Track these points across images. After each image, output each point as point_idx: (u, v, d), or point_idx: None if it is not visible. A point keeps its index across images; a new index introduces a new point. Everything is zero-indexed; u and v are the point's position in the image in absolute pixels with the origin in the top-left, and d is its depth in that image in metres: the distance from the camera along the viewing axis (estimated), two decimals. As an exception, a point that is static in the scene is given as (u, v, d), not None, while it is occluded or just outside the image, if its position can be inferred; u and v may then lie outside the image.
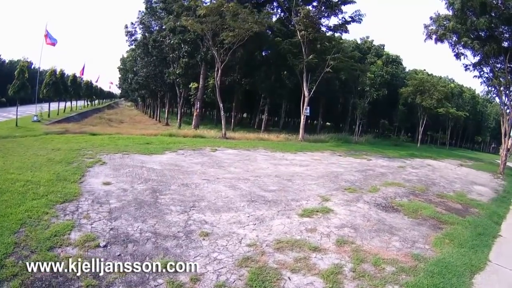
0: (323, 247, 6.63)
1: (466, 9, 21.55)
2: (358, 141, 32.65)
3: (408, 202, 10.87)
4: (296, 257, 6.03)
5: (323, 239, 7.07)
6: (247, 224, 7.40)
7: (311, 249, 6.47)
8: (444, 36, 23.76)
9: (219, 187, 10.26)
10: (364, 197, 10.81)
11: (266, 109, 38.53)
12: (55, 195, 7.68)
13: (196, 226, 6.91)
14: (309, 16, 27.98)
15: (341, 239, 7.10)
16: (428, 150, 35.78)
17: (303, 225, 7.72)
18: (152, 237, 6.14)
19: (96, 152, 13.91)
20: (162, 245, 5.88)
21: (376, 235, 7.58)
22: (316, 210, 8.82)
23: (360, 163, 18.46)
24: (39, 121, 27.08)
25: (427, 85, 40.99)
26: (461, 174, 19.66)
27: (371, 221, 8.51)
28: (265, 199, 9.41)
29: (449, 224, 9.02)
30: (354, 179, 13.71)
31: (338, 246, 6.75)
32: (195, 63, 31.27)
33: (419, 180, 15.29)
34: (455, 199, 12.26)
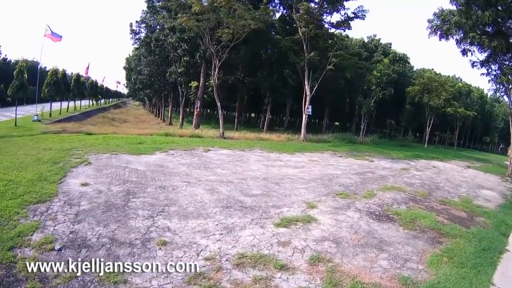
0: (292, 266, 5.60)
1: (471, 3, 20.35)
2: (363, 141, 31.29)
3: (406, 210, 9.58)
4: (257, 277, 5.20)
5: (295, 255, 6.01)
6: (213, 234, 6.63)
7: (278, 267, 5.51)
8: (449, 32, 22.45)
9: (198, 190, 9.49)
10: (356, 204, 9.57)
11: (269, 108, 37.40)
12: (30, 196, 7.58)
13: (157, 233, 6.41)
14: (309, 12, 26.73)
15: (317, 255, 6.00)
16: (435, 150, 34.03)
17: (276, 237, 6.68)
18: (108, 243, 5.84)
19: (85, 152, 13.72)
20: (114, 253, 5.56)
21: (361, 251, 6.42)
22: (297, 219, 7.72)
23: (360, 165, 17.16)
24: (39, 120, 26.84)
25: (435, 84, 39.52)
26: (468, 177, 18.19)
27: (359, 233, 7.34)
28: (243, 205, 8.46)
29: (450, 237, 7.77)
30: (350, 182, 12.44)
31: (311, 265, 5.68)
32: (196, 62, 30.39)
33: (422, 184, 13.91)
34: (459, 206, 10.89)
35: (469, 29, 21.27)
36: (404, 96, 42.71)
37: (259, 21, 24.25)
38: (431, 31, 23.63)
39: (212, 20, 23.69)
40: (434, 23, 23.44)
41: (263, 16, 24.82)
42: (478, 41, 21.30)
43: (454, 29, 22.23)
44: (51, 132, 19.81)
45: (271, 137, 26.51)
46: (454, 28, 22.16)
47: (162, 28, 32.19)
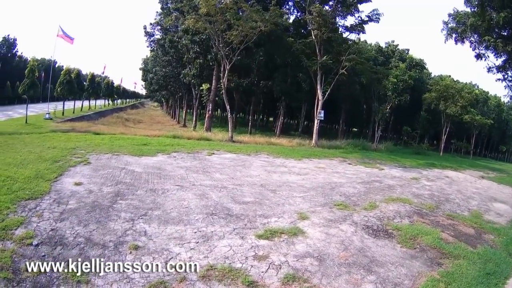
0: (262, 283, 5.08)
1: (485, 5, 19.40)
2: (377, 148, 30.16)
3: (408, 224, 8.74)
4: None
5: (270, 271, 5.44)
6: (188, 242, 6.33)
7: (246, 283, 5.02)
8: (464, 34, 21.49)
9: (187, 195, 9.11)
10: (354, 216, 8.80)
11: (282, 113, 36.79)
12: (24, 192, 7.71)
13: (132, 237, 6.30)
14: (322, 14, 25.92)
15: (293, 274, 5.40)
16: (450, 159, 32.55)
17: (254, 250, 6.14)
18: (83, 243, 5.85)
19: (87, 151, 13.74)
20: (86, 253, 5.56)
21: (346, 272, 5.73)
22: (283, 231, 7.10)
23: (368, 173, 16.25)
24: (51, 118, 27.12)
25: (451, 91, 38.21)
26: (481, 188, 16.88)
27: (349, 250, 6.62)
28: (229, 213, 7.95)
29: (452, 258, 6.93)
30: (353, 192, 11.63)
31: (284, 284, 5.12)
32: (209, 64, 30.03)
33: (430, 196, 12.87)
34: (468, 221, 9.89)
35: (484, 32, 20.28)
36: (420, 103, 41.51)
37: (269, 23, 23.69)
38: (447, 34, 22.74)
39: (220, 22, 23.21)
40: (449, 26, 22.53)
41: (273, 18, 24.24)
42: (493, 45, 20.28)
43: (469, 31, 21.27)
44: (60, 131, 19.94)
45: (282, 142, 25.87)
46: (469, 31, 21.19)
47: (176, 29, 32.06)
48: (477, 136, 47.90)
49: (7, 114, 30.21)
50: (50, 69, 36.99)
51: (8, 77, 47.49)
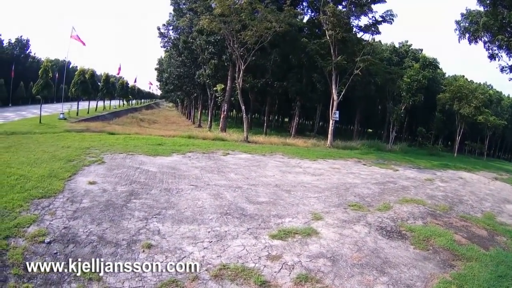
0: (274, 283, 5.11)
1: (497, 3, 19.18)
2: (392, 149, 29.81)
3: (422, 226, 8.69)
4: None
5: (282, 271, 5.47)
6: (202, 241, 6.33)
7: (258, 283, 5.04)
8: (477, 34, 21.15)
9: (202, 195, 9.16)
10: (368, 217, 8.80)
11: (297, 113, 36.64)
12: (37, 190, 7.72)
13: (146, 236, 6.29)
14: (336, 14, 25.81)
15: (306, 274, 5.42)
16: (464, 160, 32.05)
17: (267, 250, 6.17)
18: (95, 241, 5.85)
19: (102, 151, 13.79)
20: (99, 251, 5.55)
21: (359, 273, 5.73)
22: (296, 231, 7.14)
23: (383, 174, 16.15)
24: (65, 119, 27.30)
25: (465, 92, 37.64)
26: (494, 190, 16.66)
27: (362, 251, 6.63)
28: (243, 213, 8.01)
29: (465, 260, 6.89)
30: (367, 193, 11.61)
31: (296, 284, 5.14)
32: (224, 65, 30.11)
33: (444, 197, 12.75)
34: (481, 223, 9.81)
35: (497, 31, 19.92)
36: (435, 103, 40.89)
37: (284, 23, 23.65)
38: (460, 34, 22.45)
39: (235, 22, 23.27)
40: (462, 25, 22.20)
41: (288, 18, 24.18)
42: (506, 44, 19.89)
43: (482, 31, 20.94)
44: (74, 131, 20.08)
45: (297, 142, 25.80)
46: (482, 30, 20.86)
47: (190, 30, 32.22)
48: (490, 137, 46.86)
49: (21, 114, 30.55)
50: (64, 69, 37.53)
51: (22, 77, 48.16)
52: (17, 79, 46.47)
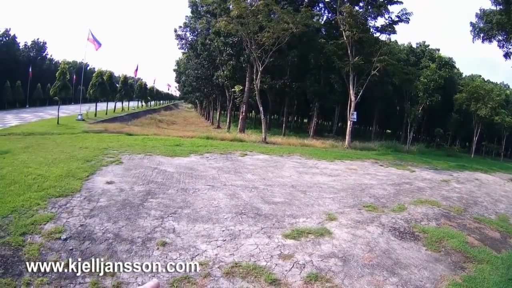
0: (284, 281, 5.20)
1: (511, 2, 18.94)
2: (409, 150, 29.38)
3: (435, 227, 8.66)
4: None
5: (293, 270, 5.57)
6: (216, 240, 6.48)
7: (268, 281, 5.14)
8: (491, 32, 20.70)
9: (218, 194, 9.30)
10: (382, 218, 8.80)
11: (315, 114, 36.56)
12: (55, 189, 7.87)
13: (161, 234, 6.41)
14: (353, 15, 25.69)
15: (316, 273, 5.50)
16: (480, 161, 31.44)
17: (279, 249, 6.28)
18: (111, 239, 5.97)
19: (120, 151, 14.01)
20: (114, 248, 5.68)
21: (369, 273, 5.78)
22: (310, 231, 7.22)
23: (400, 175, 16.03)
24: (83, 120, 27.70)
25: (481, 92, 36.76)
26: (510, 191, 16.21)
27: (374, 251, 6.67)
28: (258, 213, 8.13)
29: (476, 262, 6.83)
30: (383, 194, 11.58)
31: (306, 283, 5.22)
32: (242, 66, 30.22)
33: (459, 198, 12.61)
34: (494, 225, 9.67)
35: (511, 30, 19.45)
36: (452, 104, 40.09)
37: (300, 24, 23.67)
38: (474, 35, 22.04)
39: (252, 24, 23.39)
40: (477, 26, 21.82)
41: (304, 19, 24.18)
42: None
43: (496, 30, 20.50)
44: (92, 132, 20.38)
45: (315, 143, 25.73)
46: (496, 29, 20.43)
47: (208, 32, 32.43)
48: (507, 137, 45.49)
49: (38, 115, 31.21)
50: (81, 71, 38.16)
51: (39, 79, 49.17)
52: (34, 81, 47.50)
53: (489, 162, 33.05)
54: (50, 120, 26.31)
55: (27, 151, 12.31)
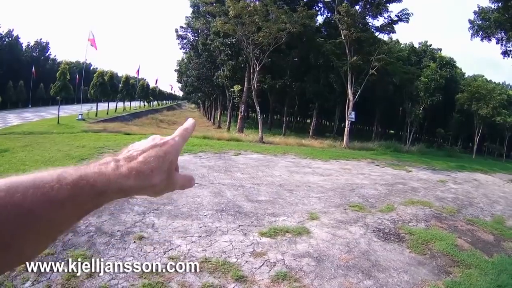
0: (251, 279, 4.98)
1: None
2: (409, 150, 29.14)
3: (424, 228, 8.27)
4: (207, 284, 4.79)
5: (263, 268, 5.32)
6: (192, 235, 6.38)
7: (235, 277, 4.95)
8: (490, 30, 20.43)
9: (203, 192, 9.14)
10: (367, 218, 8.47)
11: (315, 114, 36.39)
12: None
13: (140, 228, 6.44)
14: (350, 14, 25.43)
15: (286, 272, 5.23)
16: (482, 162, 30.99)
17: (253, 247, 6.05)
18: (93, 232, 6.05)
19: (115, 150, 13.16)
20: (93, 240, 5.77)
21: (343, 275, 5.46)
22: (288, 229, 6.95)
23: (395, 175, 15.71)
24: (83, 119, 27.91)
25: (483, 92, 36.46)
26: (509, 192, 15.80)
27: (352, 252, 6.35)
28: (239, 210, 7.90)
29: (463, 267, 6.37)
30: (373, 194, 11.26)
31: (273, 282, 4.96)
32: (241, 66, 30.14)
33: (454, 199, 12.24)
34: (488, 227, 9.20)
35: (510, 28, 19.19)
36: (454, 104, 39.81)
37: (298, 24, 23.52)
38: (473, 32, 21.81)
39: (248, 24, 23.24)
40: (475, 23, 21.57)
41: (302, 19, 24.01)
42: None
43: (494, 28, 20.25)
44: (91, 131, 20.50)
45: (313, 143, 25.54)
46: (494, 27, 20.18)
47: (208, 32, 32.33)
48: (510, 138, 45.01)
49: (40, 115, 31.56)
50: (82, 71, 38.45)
51: (42, 79, 49.63)
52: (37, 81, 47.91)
53: (490, 163, 32.58)
54: (51, 120, 26.51)
55: (26, 150, 12.53)
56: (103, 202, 0.62)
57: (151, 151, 0.67)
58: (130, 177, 0.63)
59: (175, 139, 0.72)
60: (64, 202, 0.56)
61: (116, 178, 0.62)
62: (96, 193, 0.60)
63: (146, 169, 0.65)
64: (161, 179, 0.66)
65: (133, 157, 0.66)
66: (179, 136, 0.74)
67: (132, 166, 0.64)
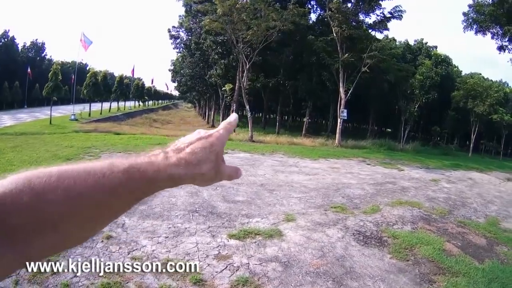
0: (210, 283, 4.66)
1: None
2: (404, 148, 28.76)
3: (409, 231, 7.73)
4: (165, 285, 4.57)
5: (224, 272, 4.95)
6: (159, 236, 6.16)
7: (193, 281, 4.65)
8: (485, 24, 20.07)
9: (179, 192, 8.66)
10: (348, 220, 7.95)
11: (308, 113, 35.93)
12: None
13: (110, 227, 6.14)
14: (341, 11, 25.01)
15: (247, 278, 4.83)
16: (478, 160, 30.50)
17: (218, 249, 5.69)
18: None
19: (102, 150, 14.14)
20: None
21: (310, 282, 4.96)
22: (259, 232, 6.51)
23: (385, 174, 15.24)
24: (76, 120, 27.85)
25: (479, 89, 36.06)
26: (505, 191, 15.33)
27: (326, 257, 5.85)
28: (212, 211, 7.49)
29: (449, 275, 5.78)
30: (359, 194, 10.76)
31: (232, 287, 4.63)
32: (233, 64, 29.68)
33: (446, 199, 11.71)
34: (481, 230, 8.57)
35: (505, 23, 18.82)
36: (450, 101, 39.53)
37: (288, 22, 23.17)
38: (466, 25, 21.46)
39: (235, 22, 22.87)
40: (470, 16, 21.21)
41: (292, 16, 23.64)
42: None
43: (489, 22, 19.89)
44: (82, 131, 20.50)
45: (305, 142, 25.18)
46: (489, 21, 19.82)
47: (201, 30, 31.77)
48: (507, 136, 44.69)
49: (34, 116, 31.43)
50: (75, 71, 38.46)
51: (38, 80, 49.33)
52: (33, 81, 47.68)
53: (487, 161, 32.22)
54: (44, 120, 26.44)
55: (15, 150, 12.72)
56: (154, 190, 0.62)
57: (197, 143, 0.67)
58: (180, 166, 0.63)
59: (219, 131, 0.73)
60: (115, 189, 0.56)
61: (166, 167, 0.61)
62: (147, 181, 0.59)
63: (194, 159, 0.65)
64: (208, 168, 0.66)
65: (181, 148, 0.66)
66: (224, 129, 0.74)
67: (181, 156, 0.64)
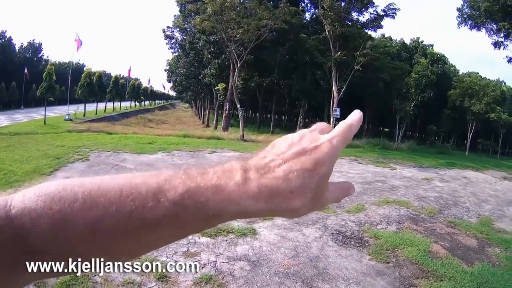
0: (173, 280, 4.50)
1: None
2: (399, 147, 28.41)
3: (393, 232, 7.35)
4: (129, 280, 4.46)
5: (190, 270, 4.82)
6: None
7: (157, 277, 4.52)
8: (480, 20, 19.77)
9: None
10: (329, 219, 7.60)
11: (301, 112, 35.58)
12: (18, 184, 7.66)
13: None
14: (333, 8, 24.65)
15: (212, 276, 4.64)
16: (474, 159, 30.04)
17: (188, 246, 5.46)
18: None
19: (91, 150, 14.15)
20: None
21: (278, 283, 4.65)
22: (232, 230, 6.22)
23: (376, 173, 14.85)
24: (71, 120, 27.94)
25: (475, 88, 35.81)
26: (500, 190, 14.83)
27: (299, 258, 5.52)
28: (186, 209, 7.29)
29: (433, 278, 5.36)
30: (345, 192, 10.62)
31: (195, 285, 4.47)
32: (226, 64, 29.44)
33: (437, 198, 11.25)
34: (472, 230, 8.12)
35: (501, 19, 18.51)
36: (446, 100, 39.34)
37: (279, 20, 22.95)
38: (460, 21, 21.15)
39: (226, 21, 22.74)
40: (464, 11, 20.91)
41: (283, 15, 23.45)
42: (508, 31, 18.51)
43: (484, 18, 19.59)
44: (75, 131, 20.49)
45: (297, 141, 24.96)
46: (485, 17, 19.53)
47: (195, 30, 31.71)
48: (504, 135, 44.39)
49: (30, 116, 31.67)
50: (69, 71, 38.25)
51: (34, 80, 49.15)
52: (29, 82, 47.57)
53: (484, 160, 31.76)
54: (39, 121, 26.49)
55: (7, 150, 12.73)
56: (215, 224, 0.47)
57: (295, 161, 0.47)
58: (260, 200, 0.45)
59: (332, 141, 0.50)
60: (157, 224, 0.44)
61: (239, 198, 0.45)
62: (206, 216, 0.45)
63: (285, 188, 0.46)
64: (303, 203, 0.47)
65: (269, 168, 0.47)
66: (340, 136, 0.51)
67: (265, 184, 0.46)
